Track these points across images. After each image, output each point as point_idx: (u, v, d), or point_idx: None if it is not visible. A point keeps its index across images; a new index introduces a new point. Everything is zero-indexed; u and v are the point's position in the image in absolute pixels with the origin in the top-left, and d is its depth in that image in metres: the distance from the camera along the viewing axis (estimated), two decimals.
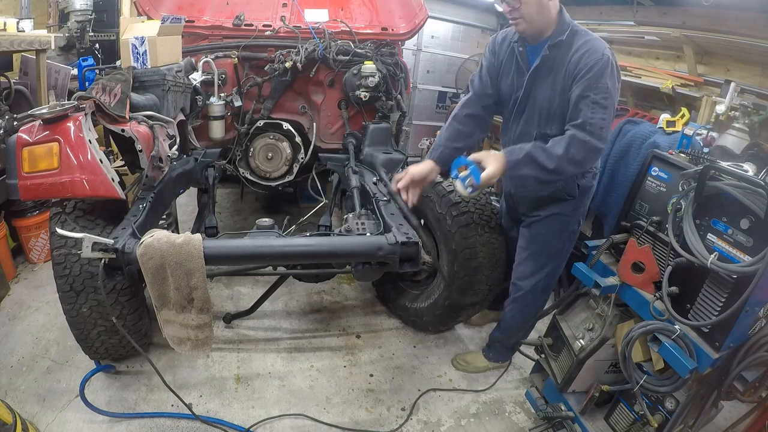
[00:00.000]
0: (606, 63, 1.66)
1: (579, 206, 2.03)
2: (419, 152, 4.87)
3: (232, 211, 4.10)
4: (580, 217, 2.08)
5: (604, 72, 1.66)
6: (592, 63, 1.67)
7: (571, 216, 2.04)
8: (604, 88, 1.66)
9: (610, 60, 1.67)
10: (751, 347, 1.46)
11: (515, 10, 1.72)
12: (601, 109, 1.66)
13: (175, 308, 1.73)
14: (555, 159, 1.71)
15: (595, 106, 1.66)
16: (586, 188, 2.00)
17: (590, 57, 1.68)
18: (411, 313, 2.63)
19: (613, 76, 1.68)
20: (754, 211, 1.33)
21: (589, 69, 1.67)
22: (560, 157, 1.70)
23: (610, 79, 1.67)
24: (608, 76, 1.66)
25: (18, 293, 2.75)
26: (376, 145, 2.81)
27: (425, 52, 5.69)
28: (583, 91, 1.69)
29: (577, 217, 2.06)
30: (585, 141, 1.67)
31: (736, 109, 2.46)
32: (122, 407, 2.03)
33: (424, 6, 3.17)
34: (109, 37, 4.51)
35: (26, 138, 1.62)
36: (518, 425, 2.16)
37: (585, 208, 2.08)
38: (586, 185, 2.00)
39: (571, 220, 2.05)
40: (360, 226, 2.02)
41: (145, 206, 1.94)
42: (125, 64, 2.23)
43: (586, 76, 1.68)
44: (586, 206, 2.07)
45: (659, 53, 3.77)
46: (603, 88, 1.66)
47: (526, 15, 1.72)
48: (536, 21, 1.74)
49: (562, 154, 1.70)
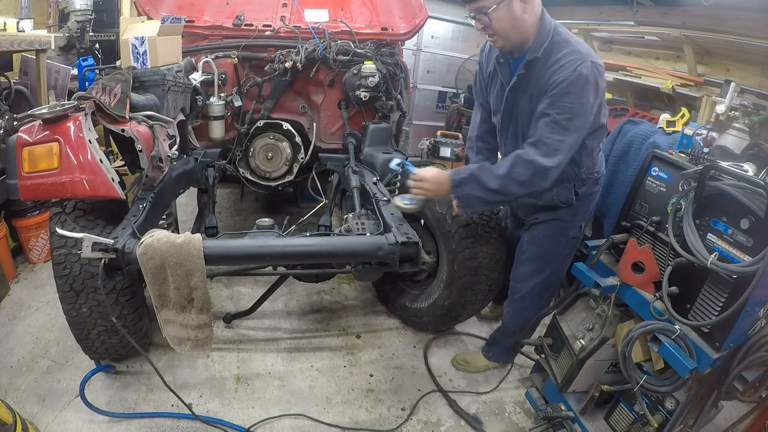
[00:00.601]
0: (575, 79, 1.55)
1: (578, 212, 1.98)
2: (419, 152, 4.87)
3: (232, 211, 4.10)
4: (581, 222, 2.03)
5: (570, 90, 1.56)
6: (560, 80, 1.57)
7: (570, 221, 1.98)
8: (567, 107, 1.57)
9: (582, 76, 1.55)
10: (751, 347, 1.46)
11: (488, 27, 1.63)
12: (561, 130, 1.58)
13: (175, 308, 1.73)
14: (498, 179, 1.66)
15: (555, 125, 1.59)
16: (587, 195, 1.95)
17: (560, 73, 1.58)
18: (411, 313, 2.63)
19: (583, 93, 1.56)
20: (754, 211, 1.33)
21: (556, 86, 1.58)
22: (503, 176, 1.65)
23: (577, 96, 1.56)
24: (575, 95, 1.56)
25: (18, 293, 2.75)
26: (376, 145, 2.81)
27: (425, 52, 5.70)
28: (545, 107, 1.62)
29: (576, 223, 2.01)
30: (530, 161, 1.61)
31: (736, 109, 2.47)
32: (122, 407, 2.03)
33: (424, 6, 3.17)
34: (109, 37, 4.51)
35: (26, 138, 1.62)
36: (518, 425, 2.16)
37: (587, 214, 2.02)
38: (587, 192, 1.94)
39: (569, 226, 2.00)
40: (360, 226, 2.02)
41: (145, 206, 1.94)
42: (125, 64, 2.23)
43: (551, 92, 1.60)
44: (587, 212, 2.02)
45: (659, 53, 3.77)
46: (566, 107, 1.57)
47: (500, 31, 1.62)
48: (512, 35, 1.64)
49: (506, 173, 1.65)
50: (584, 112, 1.59)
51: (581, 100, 1.57)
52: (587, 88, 1.57)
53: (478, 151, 2.16)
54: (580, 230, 2.05)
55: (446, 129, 5.21)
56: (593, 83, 1.57)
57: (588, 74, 1.56)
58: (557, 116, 1.59)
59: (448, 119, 5.45)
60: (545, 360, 2.04)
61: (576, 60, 1.58)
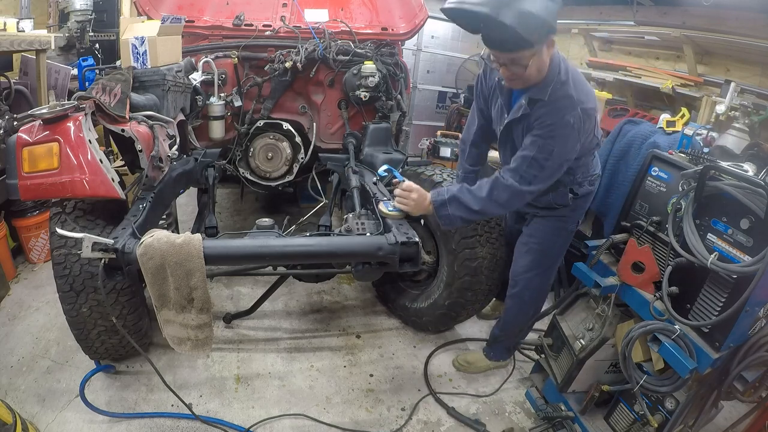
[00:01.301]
0: (562, 127, 1.63)
1: (578, 207, 2.04)
2: (419, 152, 4.87)
3: (232, 211, 4.10)
4: (579, 217, 2.10)
5: (554, 135, 1.64)
6: (548, 123, 1.65)
7: (569, 216, 2.05)
8: (548, 149, 1.66)
9: (568, 125, 1.62)
10: (751, 347, 1.46)
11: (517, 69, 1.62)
12: (538, 167, 1.69)
13: (175, 308, 1.73)
14: (480, 201, 1.79)
15: (534, 162, 1.69)
16: (585, 194, 2.01)
17: (549, 117, 1.65)
18: (411, 313, 2.63)
19: (566, 140, 1.65)
20: (754, 211, 1.33)
21: (542, 127, 1.66)
22: (484, 199, 1.78)
23: (559, 142, 1.65)
24: (557, 140, 1.64)
25: (18, 293, 2.75)
26: (376, 145, 2.81)
27: (425, 52, 5.69)
28: (529, 144, 1.70)
29: (575, 217, 2.08)
30: (508, 185, 1.74)
31: (736, 109, 2.47)
32: (122, 407, 2.03)
33: (424, 6, 3.17)
34: (109, 37, 4.51)
35: (26, 138, 1.62)
36: (518, 425, 2.16)
37: (584, 209, 2.09)
38: (585, 192, 2.00)
39: (569, 220, 2.06)
40: (360, 226, 2.02)
41: (145, 206, 1.94)
42: (125, 64, 2.23)
43: (536, 132, 1.68)
44: (585, 207, 2.09)
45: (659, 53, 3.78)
46: (547, 149, 1.66)
47: (527, 77, 1.64)
48: (533, 79, 1.66)
49: (485, 196, 1.78)
50: (563, 153, 1.69)
51: (561, 145, 1.67)
52: (572, 135, 1.65)
53: (469, 155, 2.23)
54: (577, 224, 2.11)
55: (446, 129, 5.21)
56: (577, 130, 1.65)
57: (574, 123, 1.63)
58: (537, 155, 1.68)
59: (448, 119, 5.45)
60: (545, 360, 2.04)
61: (566, 107, 1.64)
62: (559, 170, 1.75)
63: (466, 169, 2.24)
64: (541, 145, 1.67)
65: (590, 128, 1.72)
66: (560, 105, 1.65)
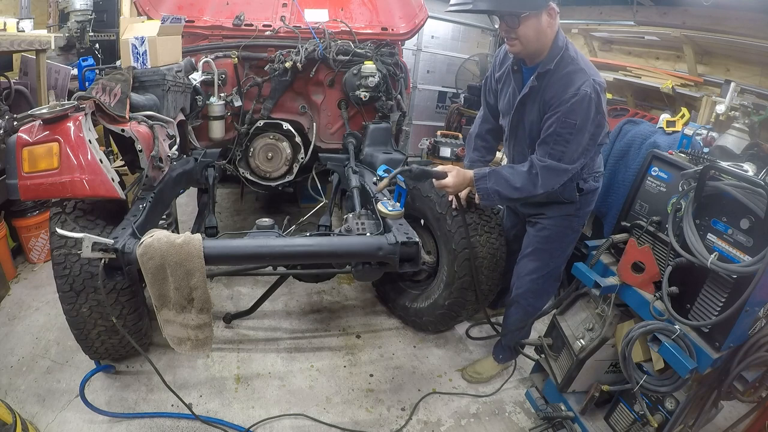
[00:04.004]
0: (581, 99, 1.65)
1: (583, 206, 2.05)
2: (419, 152, 4.86)
3: (232, 211, 4.10)
4: (584, 217, 2.10)
5: (574, 109, 1.67)
6: (567, 98, 1.68)
7: (575, 215, 2.05)
8: (572, 124, 1.69)
9: (586, 95, 1.65)
10: (751, 347, 1.45)
11: (512, 30, 1.70)
12: (564, 142, 1.72)
13: (175, 308, 1.73)
14: (520, 176, 1.81)
15: (559, 138, 1.72)
16: (590, 191, 2.02)
17: (564, 91, 1.69)
18: (411, 313, 2.63)
19: (587, 111, 1.67)
20: (754, 211, 1.33)
21: (561, 104, 1.69)
22: (524, 174, 1.80)
23: (581, 115, 1.67)
24: (578, 113, 1.67)
25: (18, 293, 2.75)
26: (376, 145, 2.81)
27: (425, 52, 5.70)
28: (553, 123, 1.73)
29: (581, 217, 2.08)
30: (544, 164, 1.76)
31: (736, 109, 2.47)
32: (122, 407, 2.03)
33: (424, 6, 3.17)
34: (109, 37, 4.50)
35: (26, 138, 1.62)
36: (518, 425, 2.16)
37: (590, 207, 2.09)
38: (590, 188, 2.01)
39: (575, 220, 2.06)
40: (360, 226, 2.02)
41: (145, 206, 1.94)
42: (125, 64, 2.23)
43: (557, 109, 1.71)
44: (591, 206, 2.09)
45: (659, 53, 3.77)
46: (571, 123, 1.69)
47: (523, 37, 1.70)
48: (532, 44, 1.72)
49: (525, 171, 1.80)
50: (585, 127, 1.71)
51: (582, 116, 1.68)
52: (590, 105, 1.67)
53: (476, 148, 2.27)
54: (582, 225, 2.11)
55: (446, 129, 5.20)
56: (594, 100, 1.67)
57: (591, 93, 1.66)
58: (560, 130, 1.71)
59: (448, 119, 5.44)
60: (545, 360, 2.04)
61: (578, 80, 1.68)
62: (588, 147, 1.75)
63: (472, 158, 2.27)
64: (563, 120, 1.69)
65: (604, 103, 1.74)
66: (573, 78, 1.69)
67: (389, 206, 2.06)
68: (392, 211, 2.04)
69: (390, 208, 2.05)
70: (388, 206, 2.06)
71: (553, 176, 1.77)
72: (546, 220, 2.07)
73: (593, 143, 1.77)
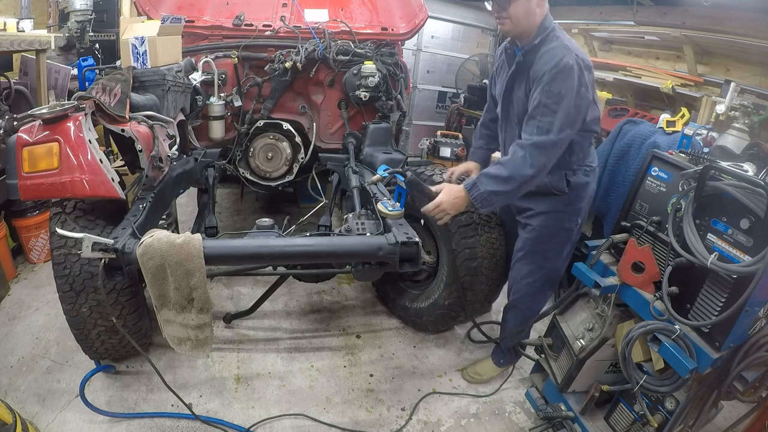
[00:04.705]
0: (563, 68, 1.69)
1: (572, 202, 1.99)
2: (419, 152, 4.87)
3: (232, 211, 4.10)
4: (577, 215, 2.02)
5: (556, 77, 1.70)
6: (548, 69, 1.72)
7: (563, 212, 1.99)
8: (556, 92, 1.70)
9: (568, 65, 1.68)
10: (751, 347, 1.45)
11: (503, 9, 1.78)
12: (550, 113, 1.72)
13: (175, 308, 1.73)
14: (506, 165, 1.79)
15: (545, 109, 1.73)
16: (579, 184, 1.96)
17: (546, 64, 1.73)
18: (411, 313, 2.63)
19: (570, 80, 1.69)
20: (754, 211, 1.33)
21: (543, 74, 1.73)
22: (509, 161, 1.78)
23: (563, 82, 1.69)
24: (560, 81, 1.69)
25: (18, 293, 2.75)
26: (376, 145, 2.81)
27: (425, 52, 5.70)
28: (537, 95, 1.75)
29: (572, 214, 2.01)
30: (530, 142, 1.76)
31: (736, 109, 2.47)
32: (122, 407, 2.03)
33: (424, 6, 3.17)
34: (109, 37, 4.51)
35: (26, 138, 1.62)
36: (518, 425, 2.16)
37: (581, 206, 2.02)
38: (578, 182, 1.95)
39: (564, 217, 2.00)
40: (360, 226, 2.02)
41: (145, 206, 1.94)
42: (125, 64, 2.23)
43: (540, 81, 1.74)
44: (581, 203, 2.02)
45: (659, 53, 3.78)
46: (553, 92, 1.71)
47: (513, 16, 1.77)
48: (522, 24, 1.79)
49: (510, 158, 1.79)
50: (569, 95, 1.72)
51: (568, 87, 1.70)
52: (571, 74, 1.70)
53: (480, 136, 2.33)
54: (576, 225, 2.04)
55: (446, 129, 5.21)
56: (577, 71, 1.70)
57: (572, 64, 1.69)
58: (546, 100, 1.73)
59: (448, 119, 5.45)
60: (545, 360, 2.04)
61: (559, 53, 1.73)
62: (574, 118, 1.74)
63: (476, 146, 2.33)
64: (547, 90, 1.72)
65: (590, 83, 1.76)
66: (556, 52, 1.74)
67: (389, 206, 2.06)
68: (392, 211, 2.04)
69: (390, 208, 2.05)
70: (388, 206, 2.06)
71: (542, 153, 1.75)
72: (534, 219, 2.03)
73: (579, 115, 1.76)
